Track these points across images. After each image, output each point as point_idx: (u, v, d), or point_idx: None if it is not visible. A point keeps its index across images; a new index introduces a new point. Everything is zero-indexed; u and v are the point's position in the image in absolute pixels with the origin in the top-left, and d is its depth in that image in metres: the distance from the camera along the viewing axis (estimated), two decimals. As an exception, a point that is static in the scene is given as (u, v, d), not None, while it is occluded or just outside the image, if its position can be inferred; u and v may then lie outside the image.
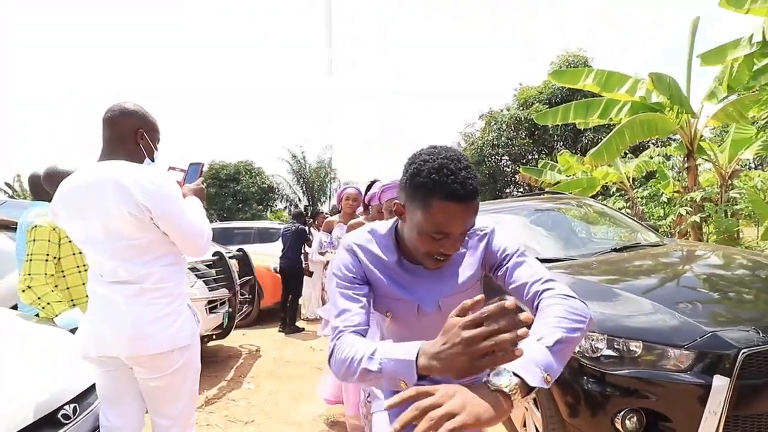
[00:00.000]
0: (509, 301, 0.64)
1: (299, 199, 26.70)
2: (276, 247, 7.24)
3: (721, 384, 1.55)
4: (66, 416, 1.32)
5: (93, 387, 1.51)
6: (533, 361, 0.69)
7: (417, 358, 0.70)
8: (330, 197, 26.51)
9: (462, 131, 17.50)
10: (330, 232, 2.92)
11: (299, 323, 5.39)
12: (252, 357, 4.09)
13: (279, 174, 26.56)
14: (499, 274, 1.00)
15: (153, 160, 1.54)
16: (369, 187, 2.59)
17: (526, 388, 0.67)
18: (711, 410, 1.54)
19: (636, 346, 1.73)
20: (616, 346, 1.76)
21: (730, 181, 5.62)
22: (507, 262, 0.98)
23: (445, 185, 0.79)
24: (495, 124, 15.35)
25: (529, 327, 0.63)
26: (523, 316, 0.63)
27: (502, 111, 15.78)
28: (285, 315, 5.15)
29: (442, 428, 0.59)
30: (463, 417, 0.60)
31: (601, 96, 6.18)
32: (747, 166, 8.18)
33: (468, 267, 1.03)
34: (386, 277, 1.00)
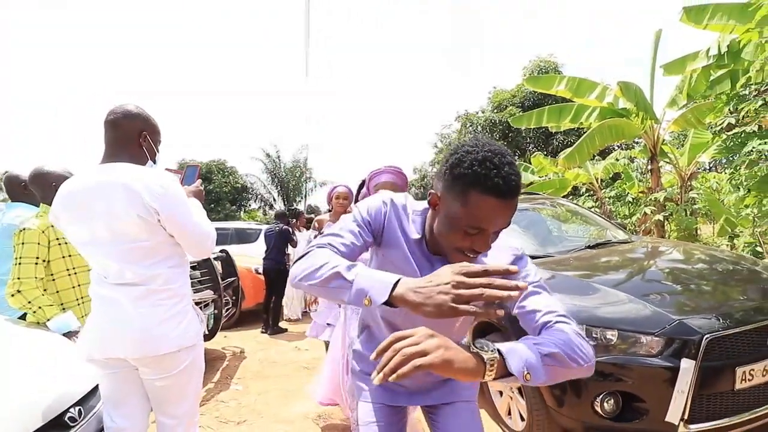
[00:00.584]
0: (515, 267, 0.68)
1: (274, 199, 26.30)
2: (254, 248, 7.17)
3: (687, 366, 1.72)
4: (72, 419, 1.32)
5: (95, 390, 1.51)
6: (521, 354, 0.70)
7: (395, 284, 0.70)
8: (305, 197, 26.26)
9: (439, 132, 17.83)
10: (320, 231, 2.92)
11: (282, 324, 5.38)
12: (237, 359, 4.06)
13: (253, 173, 26.10)
14: None
15: (155, 162, 1.56)
16: (361, 186, 2.60)
17: (502, 370, 0.68)
18: (679, 390, 1.71)
19: (612, 335, 1.89)
20: (594, 335, 1.91)
21: (689, 183, 6.04)
22: None
23: (487, 178, 0.75)
24: (471, 125, 15.72)
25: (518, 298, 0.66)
26: (521, 284, 0.65)
27: (477, 113, 16.18)
28: (268, 316, 5.13)
29: (409, 363, 0.60)
30: (433, 357, 0.61)
31: (572, 101, 6.50)
32: (704, 169, 8.76)
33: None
34: (404, 244, 0.98)
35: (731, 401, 1.78)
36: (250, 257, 6.13)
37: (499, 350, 0.69)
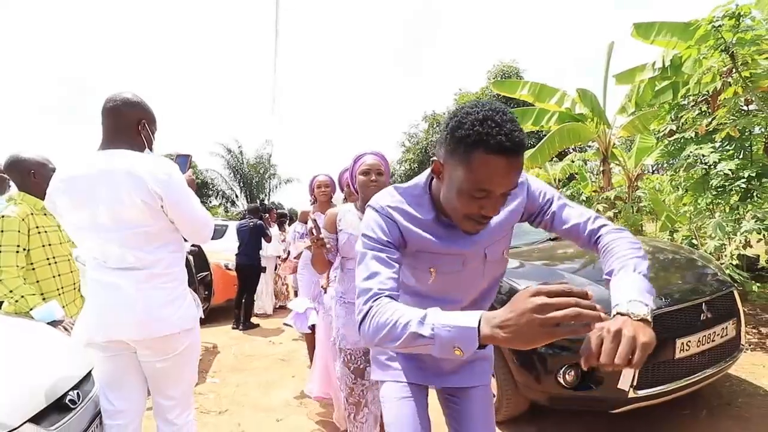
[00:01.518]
0: (591, 291, 0.64)
1: (236, 196, 25.57)
2: (222, 244, 7.03)
3: (636, 339, 1.97)
4: (72, 401, 1.34)
5: (89, 375, 1.53)
6: (643, 289, 0.74)
7: (479, 325, 0.65)
8: (269, 193, 25.73)
9: (407, 132, 18.09)
10: (306, 223, 2.93)
11: (254, 319, 5.33)
12: (210, 354, 4.02)
13: (214, 169, 25.20)
14: (546, 218, 1.00)
15: (151, 150, 1.58)
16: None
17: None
18: (629, 360, 1.96)
19: (573, 315, 2.12)
20: (558, 316, 2.13)
21: (635, 183, 6.60)
22: (551, 206, 0.99)
23: (490, 137, 0.72)
24: (438, 126, 16.11)
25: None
26: (599, 307, 0.61)
27: (443, 114, 16.61)
28: (239, 312, 5.07)
29: (638, 353, 0.64)
30: (646, 338, 0.66)
31: (533, 105, 6.91)
32: (649, 171, 9.56)
33: (507, 213, 0.98)
34: (429, 233, 0.94)
35: (672, 369, 2.06)
36: (218, 253, 6.02)
37: (638, 300, 0.73)
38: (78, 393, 1.40)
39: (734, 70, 3.57)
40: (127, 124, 1.47)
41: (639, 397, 2.01)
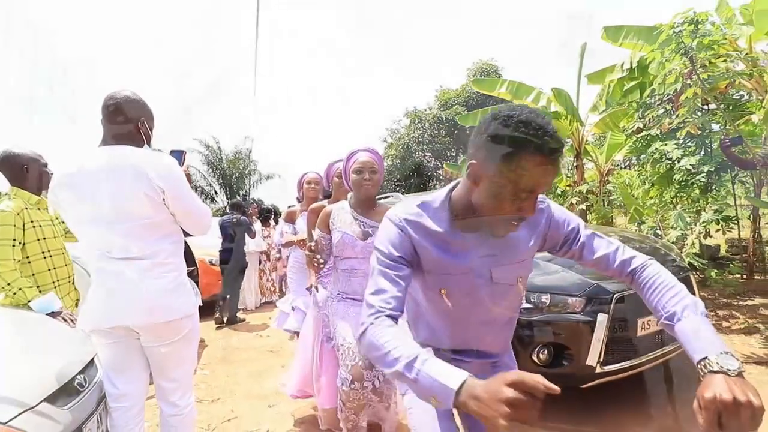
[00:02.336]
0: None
1: (215, 192, 25.14)
2: (203, 239, 6.97)
3: (602, 319, 2.16)
4: (80, 384, 1.41)
5: (92, 361, 1.59)
6: (716, 334, 0.76)
7: (459, 389, 0.67)
8: (250, 189, 25.38)
9: (388, 128, 18.19)
10: (293, 223, 2.87)
11: (239, 315, 5.36)
12: (198, 347, 4.05)
13: (192, 165, 24.57)
14: (575, 248, 1.00)
15: (150, 146, 1.65)
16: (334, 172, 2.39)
17: None
18: (597, 338, 2.15)
19: (546, 298, 2.30)
20: (531, 300, 2.31)
21: (606, 178, 6.94)
22: (579, 236, 1.00)
23: (536, 137, 0.75)
24: (419, 122, 16.28)
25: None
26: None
27: (425, 110, 16.80)
28: (223, 304, 5.09)
29: (758, 419, 0.64)
30: (759, 400, 0.65)
31: (512, 103, 7.15)
32: (619, 166, 9.98)
33: (525, 239, 0.99)
34: (440, 250, 0.94)
35: (635, 346, 2.26)
36: (200, 248, 5.97)
37: (724, 351, 0.72)
38: (84, 377, 1.47)
39: (694, 73, 3.84)
40: (128, 122, 1.53)
41: (606, 372, 2.20)
